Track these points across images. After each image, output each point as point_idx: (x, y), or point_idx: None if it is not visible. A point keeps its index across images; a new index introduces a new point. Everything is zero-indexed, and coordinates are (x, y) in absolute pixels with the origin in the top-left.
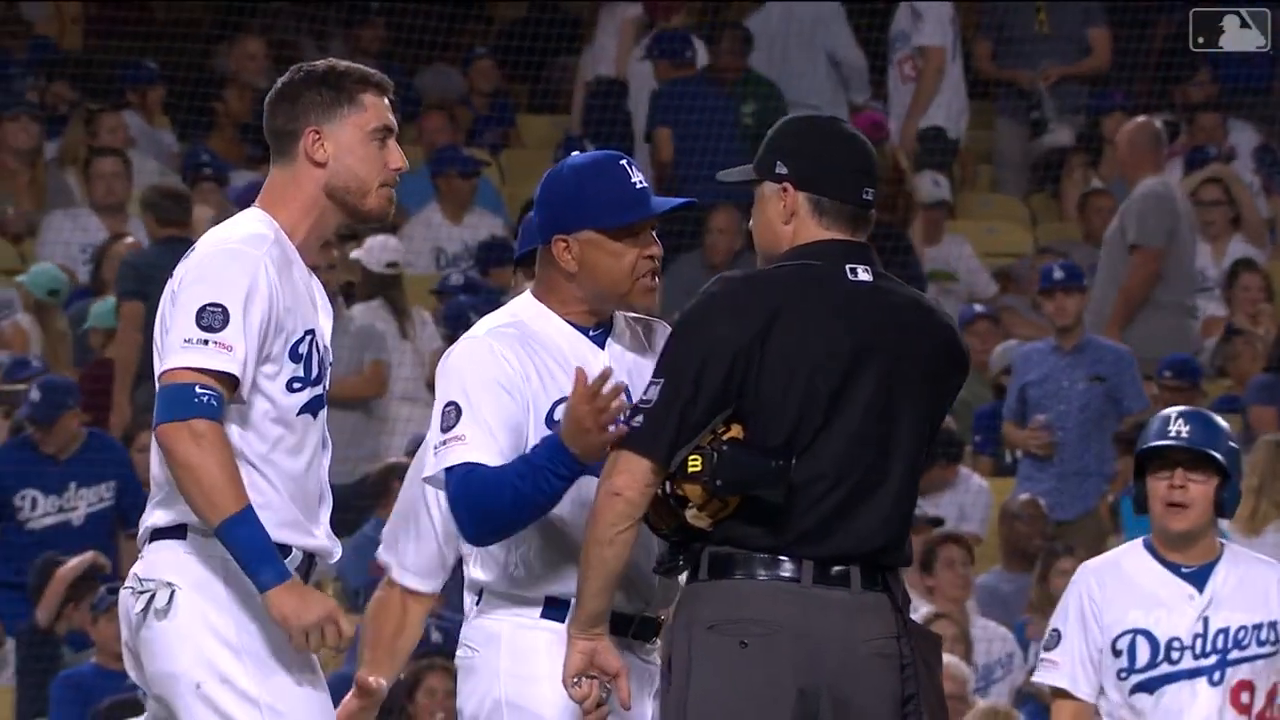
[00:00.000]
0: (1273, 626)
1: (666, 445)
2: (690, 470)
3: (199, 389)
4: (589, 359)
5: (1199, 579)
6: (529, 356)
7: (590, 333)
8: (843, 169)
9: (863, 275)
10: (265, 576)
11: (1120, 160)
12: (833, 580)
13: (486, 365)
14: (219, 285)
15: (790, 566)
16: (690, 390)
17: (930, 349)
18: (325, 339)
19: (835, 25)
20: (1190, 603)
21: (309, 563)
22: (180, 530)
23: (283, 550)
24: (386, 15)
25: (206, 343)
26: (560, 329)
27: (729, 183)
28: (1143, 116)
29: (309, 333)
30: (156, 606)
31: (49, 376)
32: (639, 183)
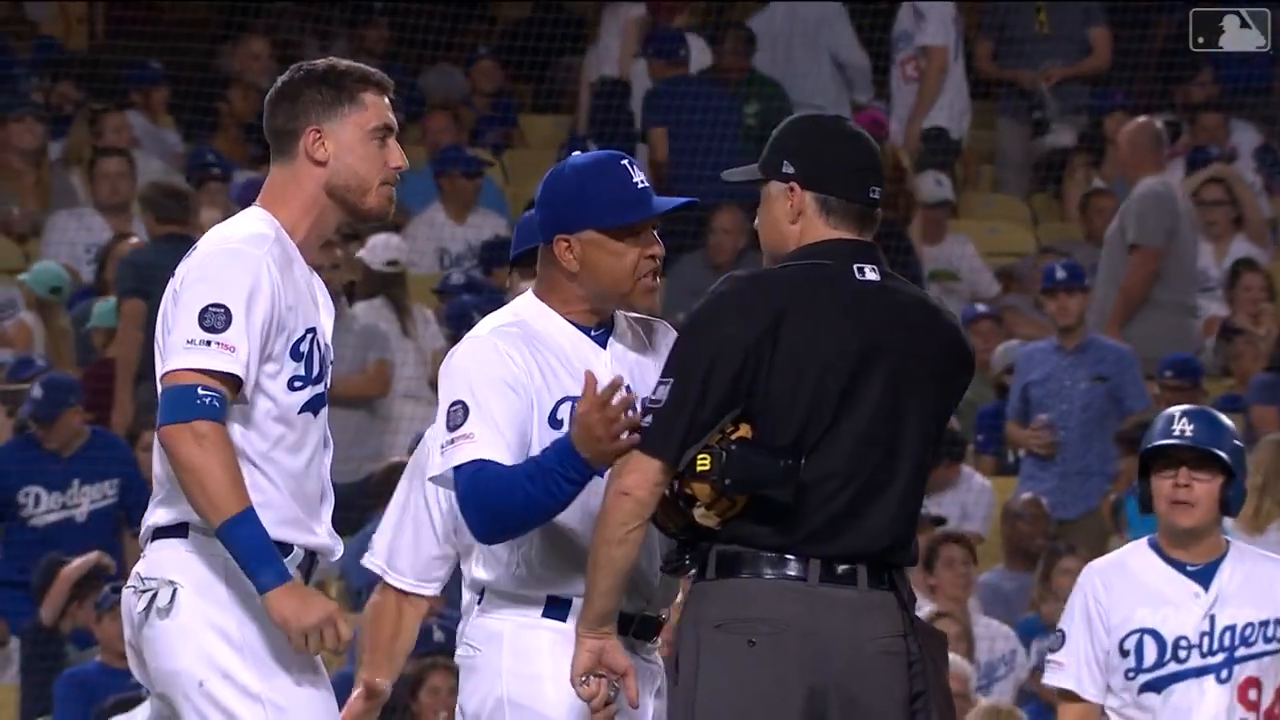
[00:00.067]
0: (1279, 623)
1: (677, 445)
2: (699, 469)
3: (201, 390)
4: (591, 359)
5: (1205, 577)
6: (532, 355)
7: (592, 332)
8: (849, 168)
9: (870, 275)
10: (265, 578)
11: (1121, 160)
12: (840, 579)
13: (492, 364)
14: (221, 285)
15: (797, 565)
16: (699, 390)
17: (937, 348)
18: (326, 337)
19: (838, 26)
20: (1196, 601)
21: (311, 560)
22: (182, 529)
23: (284, 548)
24: (390, 15)
25: (209, 344)
26: (562, 328)
27: (731, 182)
28: (1143, 117)
29: (310, 331)
30: (159, 605)
31: (51, 374)
32: (641, 182)
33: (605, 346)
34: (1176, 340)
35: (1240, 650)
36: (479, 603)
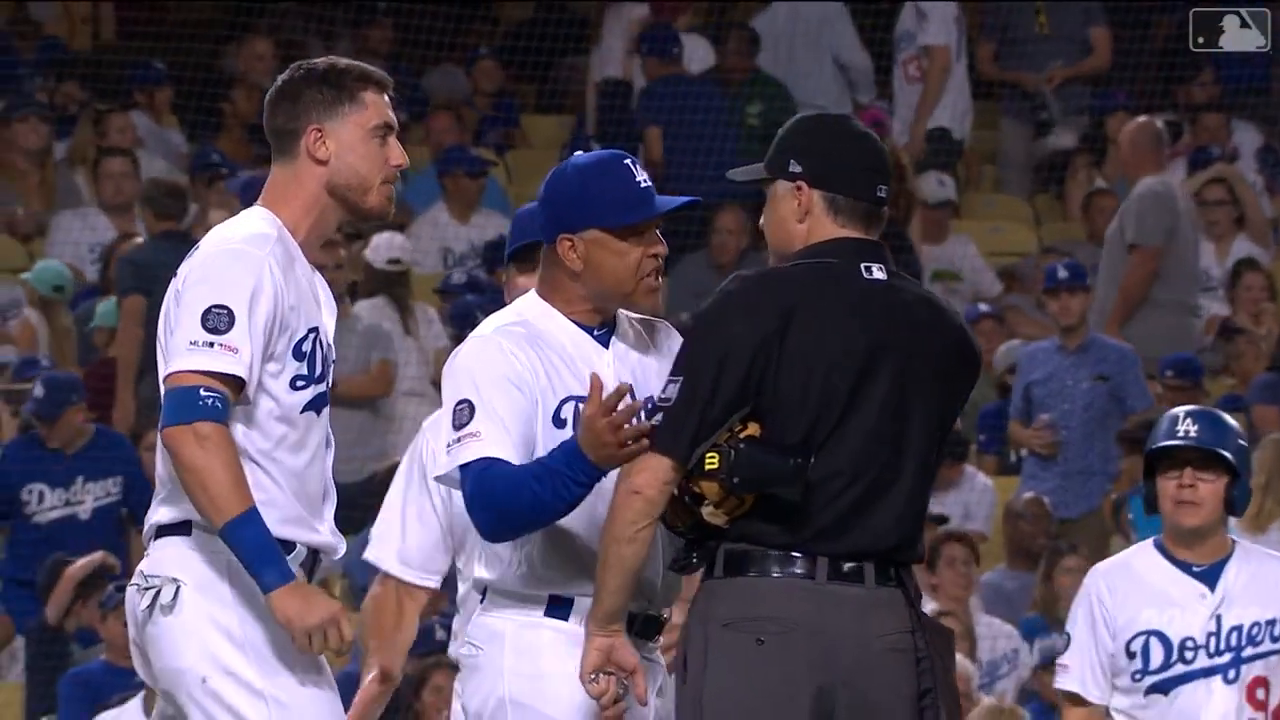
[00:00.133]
0: None
1: (687, 443)
2: (707, 468)
3: (203, 391)
4: (594, 358)
5: (1210, 577)
6: (536, 355)
7: (595, 332)
8: (857, 167)
9: (877, 274)
10: (269, 577)
11: (1122, 160)
12: (847, 577)
13: (497, 363)
14: (224, 286)
15: (805, 564)
16: (709, 389)
17: (942, 347)
18: (329, 336)
19: (840, 26)
20: (1202, 601)
21: (314, 559)
22: (185, 527)
23: (287, 546)
24: (394, 16)
25: (212, 345)
26: (565, 328)
27: (732, 181)
28: (1144, 116)
29: (312, 331)
30: (162, 602)
31: (52, 373)
32: (644, 182)
33: (608, 346)
34: (1177, 339)
35: (1247, 650)
36: (481, 601)
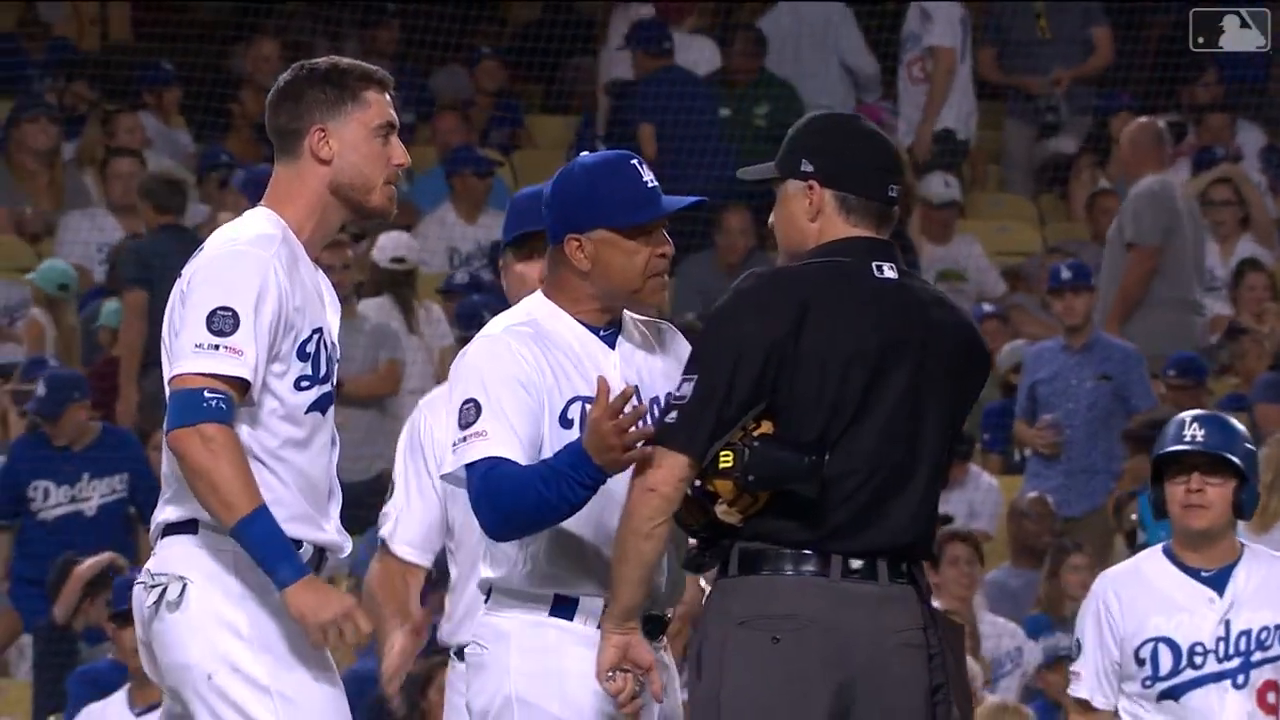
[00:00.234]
0: None
1: (703, 441)
2: (721, 466)
3: (208, 393)
4: (600, 359)
5: (1219, 582)
6: (544, 355)
7: (601, 332)
8: (869, 166)
9: (889, 273)
10: (283, 573)
11: (1123, 160)
12: (861, 574)
13: (505, 362)
14: (229, 288)
15: (819, 561)
16: (725, 387)
17: (952, 346)
18: (333, 336)
19: (845, 29)
20: (1211, 606)
21: (320, 557)
22: (191, 525)
23: (294, 544)
24: (401, 17)
25: (217, 348)
26: (571, 328)
27: (733, 181)
28: (1146, 117)
29: (317, 331)
30: (168, 599)
31: (54, 370)
32: (650, 181)
33: (614, 347)
34: (1178, 337)
35: (1257, 654)
36: (486, 600)
